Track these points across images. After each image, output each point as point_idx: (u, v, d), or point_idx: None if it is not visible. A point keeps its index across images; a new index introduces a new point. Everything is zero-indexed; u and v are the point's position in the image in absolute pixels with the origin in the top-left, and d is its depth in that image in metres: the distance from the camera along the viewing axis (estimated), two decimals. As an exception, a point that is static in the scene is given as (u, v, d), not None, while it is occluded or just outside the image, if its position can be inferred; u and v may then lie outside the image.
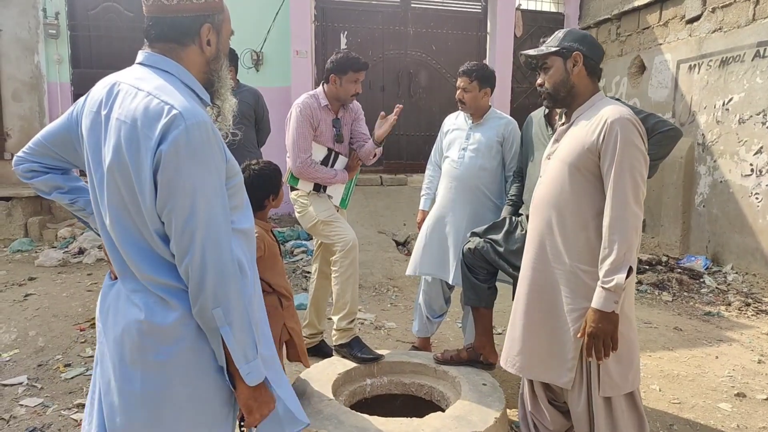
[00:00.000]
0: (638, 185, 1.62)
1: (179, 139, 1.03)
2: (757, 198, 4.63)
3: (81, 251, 4.94)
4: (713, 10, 5.01)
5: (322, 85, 2.80)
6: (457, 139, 2.84)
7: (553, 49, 1.76)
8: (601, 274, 1.61)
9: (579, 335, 1.67)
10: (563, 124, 1.84)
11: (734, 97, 4.81)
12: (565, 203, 1.72)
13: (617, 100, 1.89)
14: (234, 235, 1.14)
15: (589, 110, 1.74)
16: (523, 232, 2.38)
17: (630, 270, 1.59)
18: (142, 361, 1.11)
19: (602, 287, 1.60)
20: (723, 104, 4.93)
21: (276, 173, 2.14)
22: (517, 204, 2.57)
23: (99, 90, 1.17)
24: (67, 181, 1.34)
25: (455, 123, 2.94)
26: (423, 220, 3.03)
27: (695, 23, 5.23)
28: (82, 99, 1.23)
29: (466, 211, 2.78)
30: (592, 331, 1.61)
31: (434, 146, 3.05)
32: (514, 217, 2.50)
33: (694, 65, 5.25)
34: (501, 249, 2.40)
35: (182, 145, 1.03)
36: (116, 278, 1.21)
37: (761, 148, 4.58)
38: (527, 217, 2.42)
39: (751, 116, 4.65)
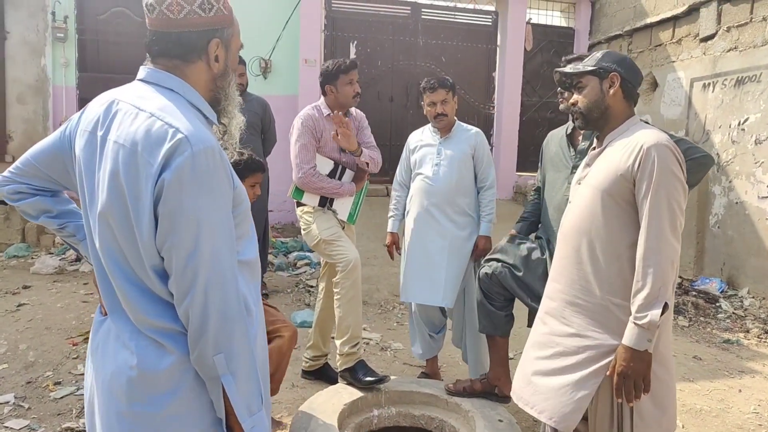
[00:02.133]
0: (675, 215, 1.52)
1: (184, 166, 0.94)
2: (774, 221, 4.51)
3: (78, 258, 4.83)
4: (728, 29, 4.92)
5: (323, 96, 2.74)
6: (428, 155, 2.78)
7: (590, 68, 1.69)
8: (633, 309, 1.50)
9: (608, 373, 1.55)
10: (595, 148, 1.75)
11: (750, 117, 4.71)
12: (597, 232, 1.62)
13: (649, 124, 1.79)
14: (239, 268, 1.03)
15: (623, 134, 1.65)
16: (544, 256, 2.27)
17: (666, 306, 1.48)
18: (130, 413, 1.00)
19: (635, 323, 1.49)
20: (738, 124, 4.83)
21: (243, 161, 2.10)
22: (531, 222, 2.45)
23: (95, 108, 1.06)
24: (57, 204, 1.23)
25: (422, 139, 2.86)
26: (393, 242, 2.92)
27: (709, 42, 5.14)
28: (75, 116, 1.13)
29: (446, 227, 2.71)
30: (623, 370, 1.50)
31: (399, 166, 2.96)
32: (529, 241, 2.38)
33: (708, 84, 5.15)
34: (519, 274, 2.28)
35: (187, 173, 0.94)
36: (106, 314, 1.10)
37: (779, 170, 4.46)
38: (546, 241, 2.31)
39: (769, 137, 4.55)
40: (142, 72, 1.09)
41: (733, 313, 4.42)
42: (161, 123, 0.96)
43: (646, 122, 1.87)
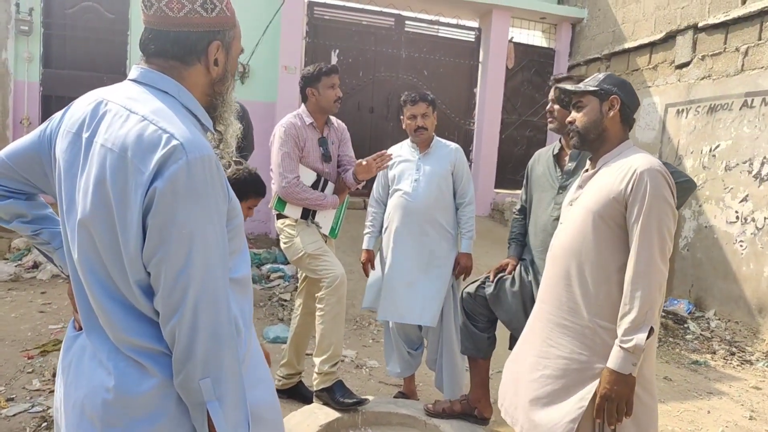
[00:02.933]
0: (665, 240, 1.53)
1: (178, 175, 0.87)
2: (741, 245, 4.64)
3: (35, 265, 4.57)
4: (703, 58, 5.09)
5: (303, 104, 2.67)
6: (407, 170, 2.74)
7: (592, 88, 1.70)
8: (619, 332, 1.51)
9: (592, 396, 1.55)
10: (587, 170, 1.76)
11: (721, 144, 4.86)
12: (587, 253, 1.62)
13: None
14: (230, 286, 0.97)
15: (617, 158, 1.67)
16: (529, 278, 2.23)
17: (651, 330, 1.48)
18: None
19: (620, 347, 1.49)
20: (710, 150, 4.97)
21: (251, 180, 2.04)
22: (523, 243, 2.43)
23: (81, 107, 0.99)
24: (32, 209, 1.16)
25: (400, 155, 2.82)
26: (368, 260, 2.85)
27: (684, 69, 5.31)
28: (57, 115, 1.05)
29: (425, 244, 2.67)
30: (606, 393, 1.51)
31: (376, 182, 2.90)
32: (517, 267, 2.34)
33: (682, 110, 5.30)
34: (503, 295, 2.24)
35: (181, 182, 0.88)
36: (80, 329, 1.02)
37: (747, 196, 4.60)
38: (530, 261, 2.28)
39: (738, 164, 4.69)
40: (135, 72, 1.03)
41: (701, 334, 4.51)
42: (154, 128, 0.90)
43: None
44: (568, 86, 1.76)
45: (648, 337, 1.47)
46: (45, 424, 2.38)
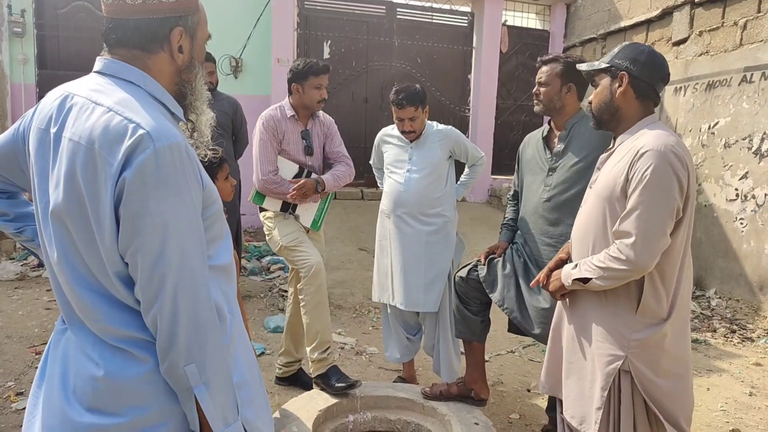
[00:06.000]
0: (666, 225, 1.48)
1: (146, 164, 0.88)
2: (741, 223, 4.61)
3: (41, 264, 4.62)
4: (700, 34, 5.03)
5: (288, 95, 2.66)
6: (399, 159, 2.73)
7: (604, 65, 1.60)
8: (588, 258, 1.58)
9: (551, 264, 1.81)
10: (606, 150, 1.68)
11: (720, 121, 4.82)
12: (599, 239, 1.59)
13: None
14: (211, 273, 0.98)
15: (631, 137, 1.56)
16: (522, 260, 2.24)
17: (587, 280, 1.56)
18: (94, 426, 0.93)
19: (574, 266, 1.62)
20: (709, 128, 4.93)
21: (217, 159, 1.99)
22: (515, 228, 2.43)
23: (49, 103, 1.00)
24: (13, 207, 1.17)
25: (392, 134, 2.81)
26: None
27: (682, 46, 5.25)
28: (29, 112, 1.06)
29: (420, 232, 2.68)
30: (551, 281, 1.74)
31: (373, 154, 2.95)
32: (508, 251, 2.34)
33: (680, 88, 5.25)
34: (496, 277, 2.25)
35: (150, 171, 0.88)
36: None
37: (747, 173, 4.57)
38: (523, 244, 2.28)
39: (737, 141, 4.65)
40: (99, 63, 1.03)
41: (701, 313, 4.51)
42: (120, 118, 0.90)
43: None
44: (583, 66, 1.68)
45: (582, 281, 1.56)
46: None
